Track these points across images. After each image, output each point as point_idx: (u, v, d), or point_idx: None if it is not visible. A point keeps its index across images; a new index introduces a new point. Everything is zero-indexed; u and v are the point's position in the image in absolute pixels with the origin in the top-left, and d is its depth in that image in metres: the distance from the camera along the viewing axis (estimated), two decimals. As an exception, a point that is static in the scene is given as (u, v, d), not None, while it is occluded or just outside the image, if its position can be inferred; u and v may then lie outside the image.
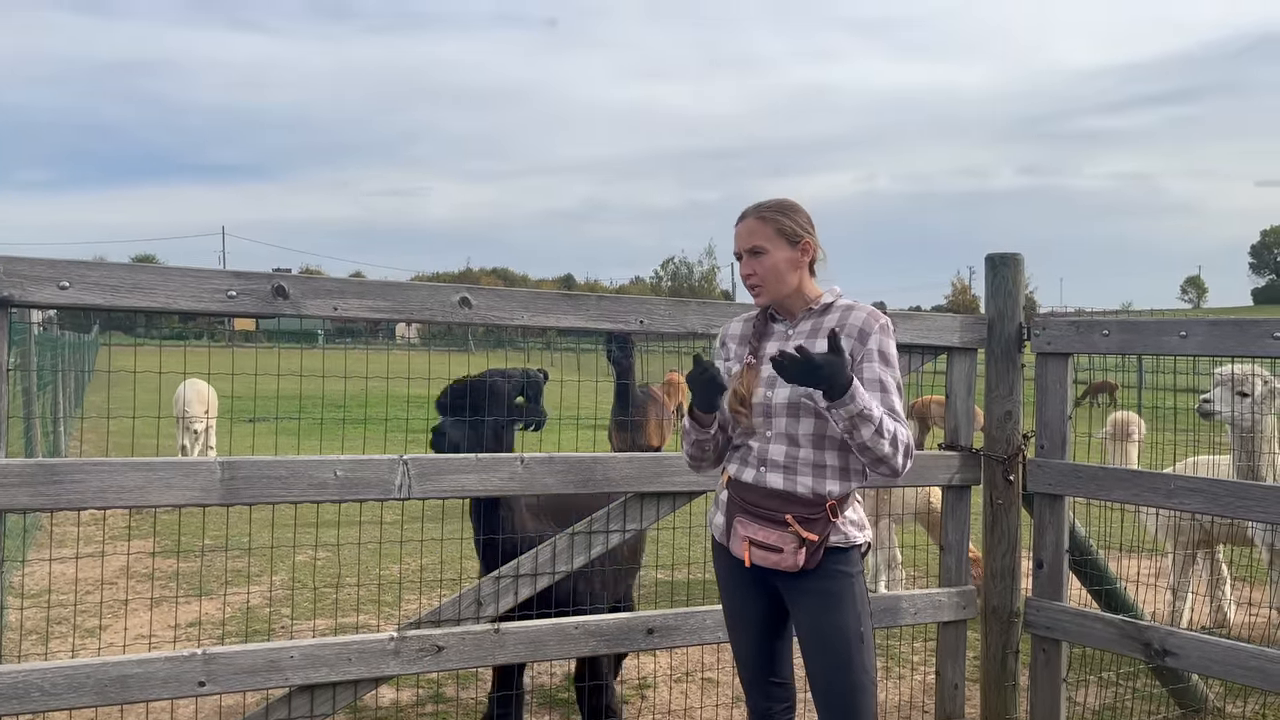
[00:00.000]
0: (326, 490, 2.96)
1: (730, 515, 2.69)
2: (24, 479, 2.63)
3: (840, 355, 2.39)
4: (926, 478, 4.02)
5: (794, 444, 2.60)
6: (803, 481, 2.59)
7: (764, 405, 2.64)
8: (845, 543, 2.62)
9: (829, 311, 2.70)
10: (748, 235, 2.69)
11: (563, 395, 3.92)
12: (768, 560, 2.59)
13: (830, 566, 2.59)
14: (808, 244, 2.70)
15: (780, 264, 2.67)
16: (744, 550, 2.63)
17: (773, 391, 2.63)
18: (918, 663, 5.32)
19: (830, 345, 2.40)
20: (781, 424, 2.61)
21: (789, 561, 2.56)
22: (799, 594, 2.64)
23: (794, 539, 2.55)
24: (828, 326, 2.65)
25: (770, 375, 2.64)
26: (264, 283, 2.91)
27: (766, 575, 2.67)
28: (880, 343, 2.63)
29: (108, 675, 2.72)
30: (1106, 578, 4.21)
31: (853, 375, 2.44)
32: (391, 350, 10.33)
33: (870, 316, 2.66)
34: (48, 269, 2.67)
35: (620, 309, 3.39)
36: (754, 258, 2.68)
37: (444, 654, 3.13)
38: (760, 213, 2.70)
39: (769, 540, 2.58)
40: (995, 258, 4.01)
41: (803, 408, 2.59)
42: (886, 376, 2.62)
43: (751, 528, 2.61)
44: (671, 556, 6.57)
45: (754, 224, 2.69)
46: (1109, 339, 3.73)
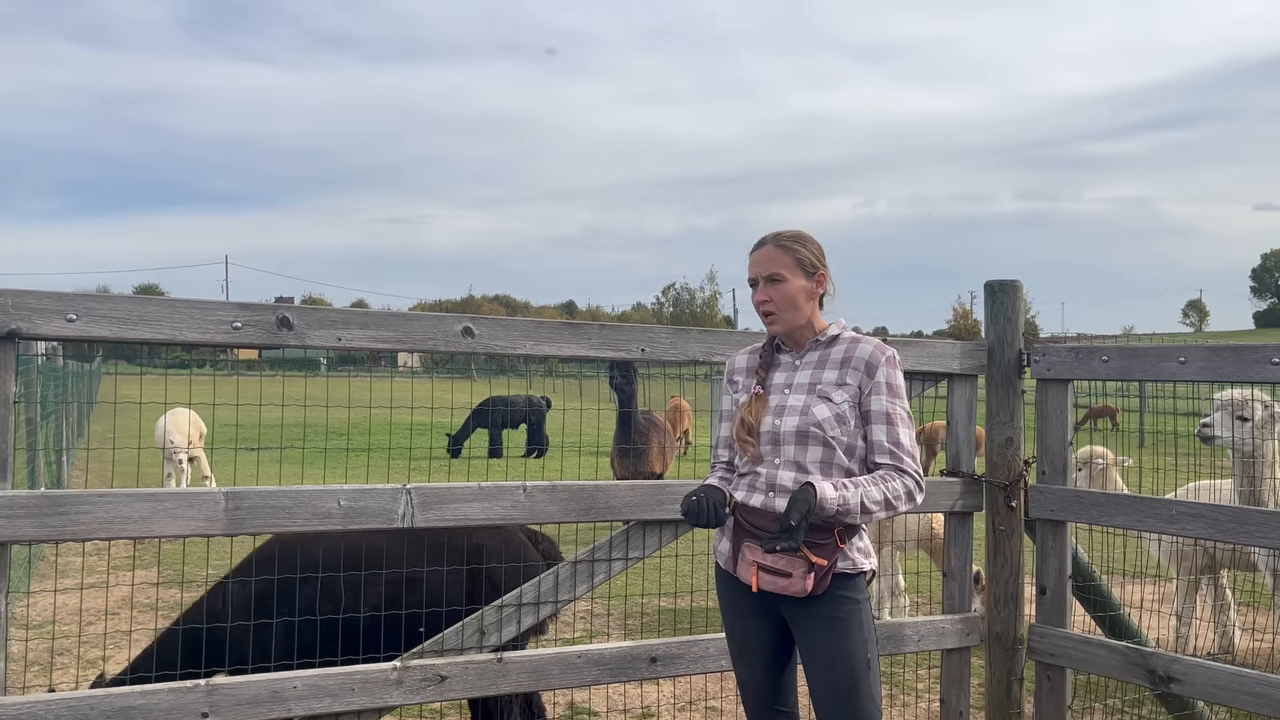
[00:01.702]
0: (330, 520, 2.97)
1: (737, 541, 2.70)
2: (29, 511, 2.65)
3: (790, 511, 2.48)
4: (929, 504, 4.02)
5: (802, 470, 2.63)
6: None
7: (772, 433, 2.67)
8: (853, 569, 2.63)
9: (835, 343, 2.75)
10: (768, 262, 2.73)
11: (564, 422, 3.94)
12: (775, 585, 2.59)
13: (837, 593, 2.60)
14: (823, 276, 2.76)
15: (797, 293, 2.71)
16: (752, 575, 2.62)
17: (780, 420, 2.67)
18: (922, 690, 5.30)
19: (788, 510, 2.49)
20: (790, 451, 2.64)
21: (797, 586, 2.56)
22: (806, 620, 2.63)
23: (803, 564, 2.55)
24: (834, 358, 2.71)
25: (779, 404, 2.69)
26: (268, 314, 2.93)
27: (772, 602, 2.66)
28: (888, 375, 2.67)
29: (112, 707, 2.72)
30: (1110, 604, 4.20)
31: (812, 496, 2.49)
32: (394, 378, 10.36)
33: (877, 349, 2.70)
34: (55, 301, 2.70)
35: (622, 337, 3.42)
36: (771, 285, 2.71)
37: (447, 683, 3.12)
38: (780, 241, 2.74)
39: (778, 565, 2.58)
40: (994, 284, 4.04)
41: (811, 436, 2.63)
42: (894, 409, 2.67)
43: (759, 552, 2.61)
44: (675, 584, 6.56)
45: (774, 251, 2.73)
46: (1108, 365, 3.74)
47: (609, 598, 6.84)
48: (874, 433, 2.67)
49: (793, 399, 2.70)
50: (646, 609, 6.78)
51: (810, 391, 2.69)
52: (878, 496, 2.56)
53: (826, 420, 2.63)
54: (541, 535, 3.90)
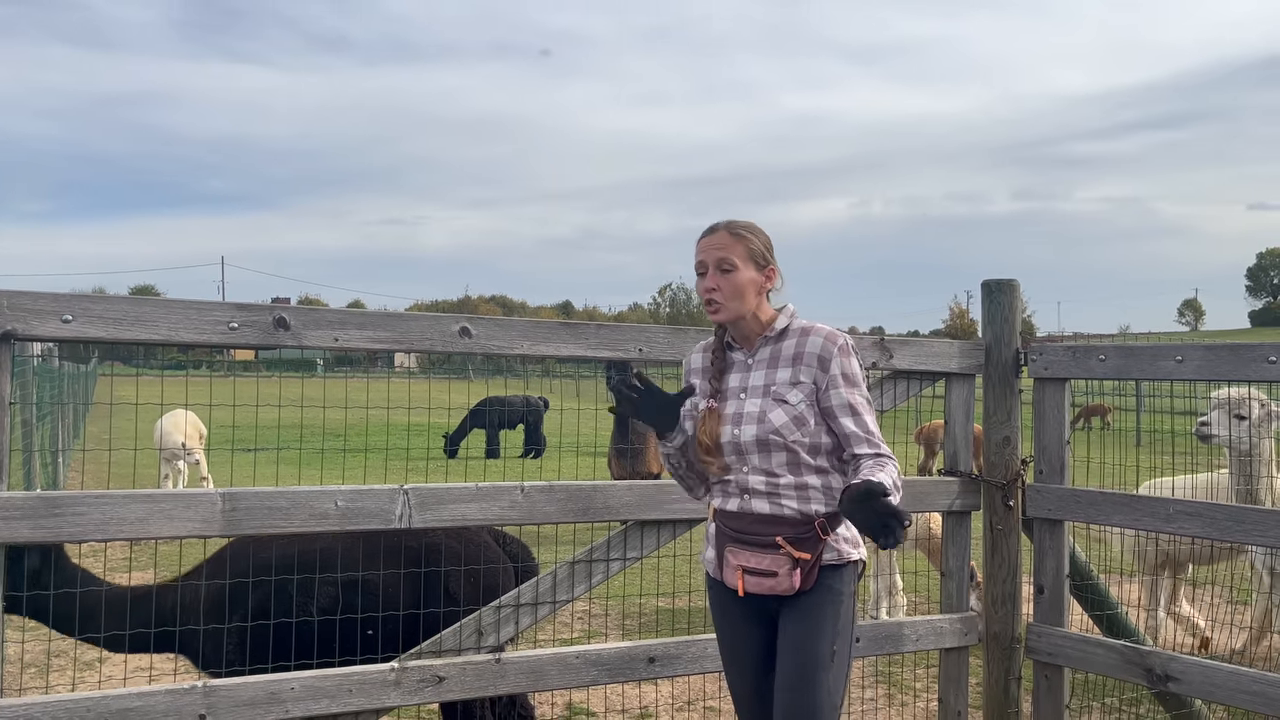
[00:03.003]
0: (328, 520, 2.96)
1: (720, 547, 2.66)
2: (25, 512, 2.64)
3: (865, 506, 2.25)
4: (927, 504, 4.03)
5: (771, 474, 2.58)
6: (788, 505, 2.56)
7: (734, 444, 2.60)
8: (838, 559, 2.58)
9: (785, 337, 2.66)
10: (719, 249, 2.63)
11: (563, 423, 3.93)
12: (762, 586, 2.54)
13: (821, 582, 2.55)
14: (772, 271, 2.67)
15: (746, 285, 2.62)
16: (738, 579, 2.58)
17: (739, 429, 2.60)
18: (920, 690, 5.30)
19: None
20: (755, 459, 2.59)
21: (784, 585, 2.52)
22: (789, 610, 2.58)
23: (787, 560, 2.51)
24: (786, 355, 2.63)
25: (735, 411, 2.62)
26: (265, 314, 2.93)
27: (762, 606, 2.61)
28: (842, 366, 2.59)
29: (109, 708, 2.71)
30: (1108, 602, 4.21)
31: (883, 490, 2.28)
32: (391, 379, 10.35)
33: (827, 340, 2.61)
34: (51, 302, 2.69)
35: (619, 337, 3.41)
36: (721, 274, 2.61)
37: (445, 684, 3.12)
38: (733, 229, 2.65)
39: (762, 565, 2.53)
40: (991, 284, 4.04)
41: (771, 444, 2.56)
42: (855, 398, 2.58)
43: (743, 555, 2.57)
44: (673, 585, 6.56)
45: (726, 238, 2.63)
46: (1105, 364, 3.75)
47: (607, 598, 6.83)
48: (843, 425, 2.57)
49: (749, 404, 2.61)
50: (644, 609, 6.77)
51: (765, 395, 2.60)
52: (891, 479, 2.43)
53: (784, 426, 2.56)
54: (510, 537, 3.85)
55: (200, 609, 3.32)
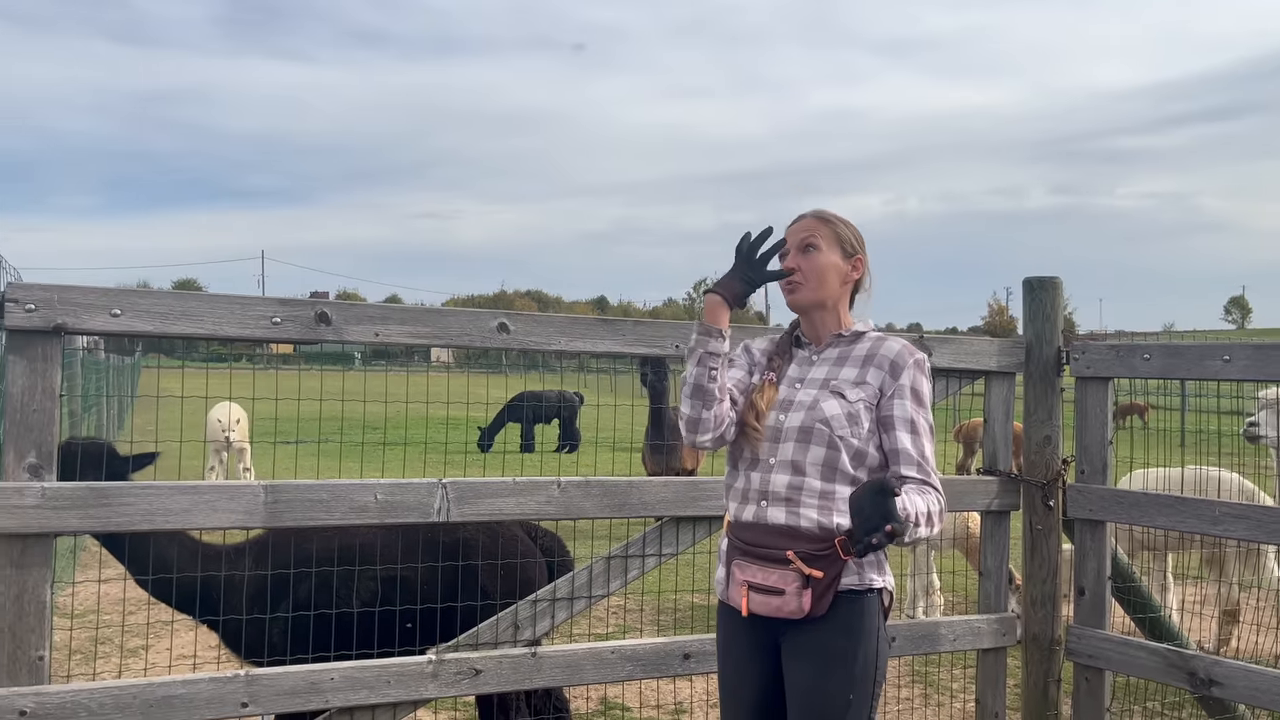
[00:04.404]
0: (367, 513, 3.00)
1: (729, 562, 2.42)
2: (74, 501, 2.69)
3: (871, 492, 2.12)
4: (965, 503, 3.99)
5: (798, 472, 2.35)
6: (806, 515, 2.32)
7: (774, 429, 2.42)
8: (859, 585, 2.33)
9: (859, 340, 2.52)
10: (804, 230, 2.52)
11: (599, 418, 3.94)
12: (768, 606, 2.29)
13: (839, 616, 2.29)
14: (859, 261, 2.55)
15: (829, 268, 2.49)
16: (741, 596, 2.34)
17: (785, 415, 2.42)
18: (957, 690, 5.25)
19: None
20: (789, 450, 2.37)
21: (791, 606, 2.26)
22: (795, 648, 2.32)
23: (796, 577, 2.26)
24: (856, 355, 2.47)
25: (785, 397, 2.45)
26: (307, 309, 2.96)
27: (769, 639, 2.36)
28: (914, 379, 2.41)
29: (154, 695, 2.76)
30: (1150, 605, 4.14)
31: (896, 485, 2.15)
32: (430, 373, 10.43)
33: (904, 350, 2.45)
34: (100, 297, 2.74)
35: (656, 334, 3.41)
36: (804, 254, 2.49)
37: (482, 677, 3.14)
38: (821, 214, 2.56)
39: (769, 582, 2.29)
40: (1033, 281, 3.99)
41: (815, 434, 2.36)
42: (918, 417, 2.40)
43: (750, 570, 2.33)
44: (708, 581, 6.55)
45: (813, 222, 2.54)
46: (1150, 363, 3.69)
47: (642, 593, 6.85)
48: (898, 440, 2.37)
49: (802, 394, 2.44)
50: (678, 605, 6.78)
51: (823, 387, 2.42)
52: (924, 509, 2.24)
53: (835, 417, 2.35)
54: (545, 531, 3.87)
55: (247, 595, 3.37)
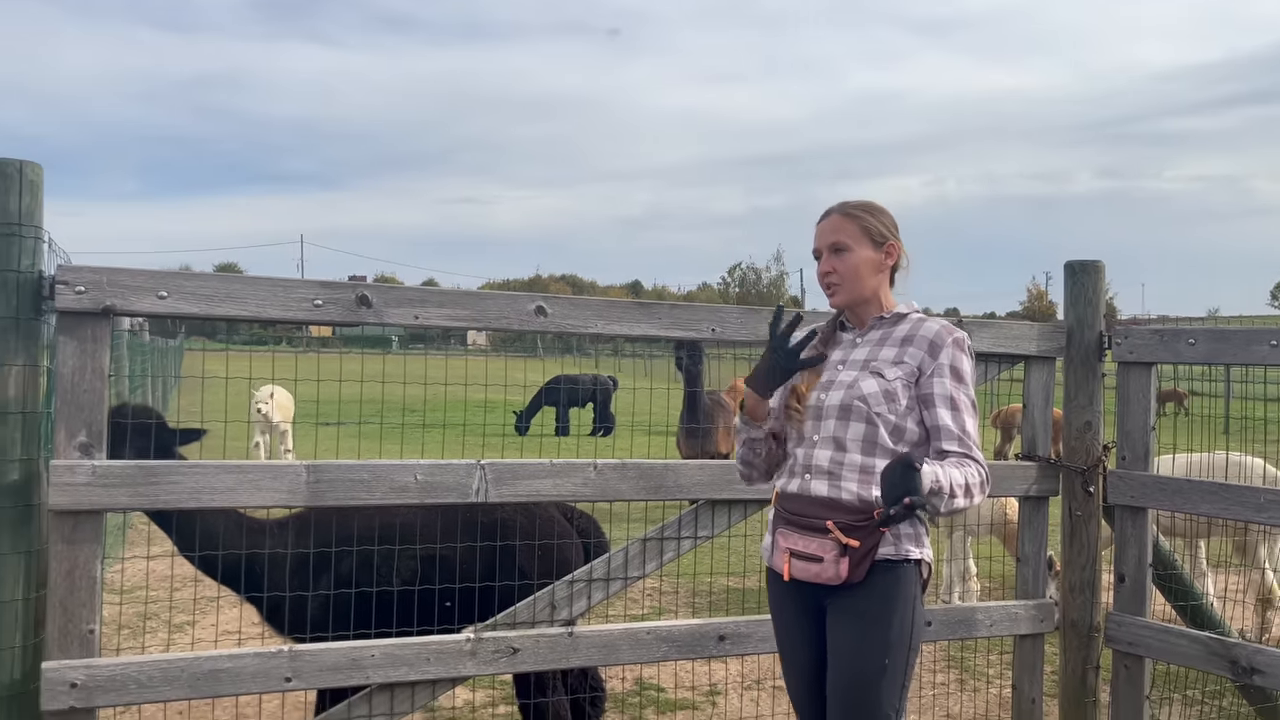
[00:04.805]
0: (407, 493, 3.04)
1: (774, 530, 2.58)
2: (124, 479, 2.76)
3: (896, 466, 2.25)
4: (1003, 488, 3.96)
5: (840, 448, 2.46)
6: (847, 487, 2.43)
7: (816, 408, 2.52)
8: (895, 555, 2.42)
9: (901, 322, 2.58)
10: (831, 231, 2.58)
11: (634, 402, 3.95)
12: (807, 572, 2.42)
13: (876, 584, 2.39)
14: (892, 247, 2.59)
15: (862, 264, 2.55)
16: (784, 562, 2.48)
17: (826, 394, 2.52)
18: (993, 676, 5.23)
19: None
20: (830, 427, 2.48)
21: (829, 572, 2.38)
22: (836, 613, 2.44)
23: (834, 546, 2.38)
24: (897, 336, 2.54)
25: (828, 379, 2.55)
26: (348, 292, 3.00)
27: (813, 602, 2.49)
28: (953, 357, 2.48)
29: (200, 669, 2.83)
30: (1192, 593, 4.10)
31: (918, 461, 2.27)
32: (469, 356, 10.51)
33: (944, 329, 2.53)
34: (148, 279, 2.79)
35: (692, 317, 3.42)
36: (835, 255, 2.56)
37: (519, 656, 3.18)
38: (846, 210, 2.59)
39: (809, 549, 2.42)
40: (1075, 265, 3.95)
41: (854, 411, 2.46)
42: (959, 394, 2.47)
43: (792, 538, 2.47)
44: (743, 564, 6.57)
45: (839, 220, 2.58)
46: (1195, 348, 3.63)
47: (677, 575, 6.88)
48: (938, 417, 2.45)
49: (843, 374, 2.53)
50: (713, 588, 6.80)
51: (863, 368, 2.52)
52: (961, 480, 2.34)
53: (872, 395, 2.45)
54: (580, 513, 3.90)
55: (289, 569, 3.43)
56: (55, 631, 2.72)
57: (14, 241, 2.64)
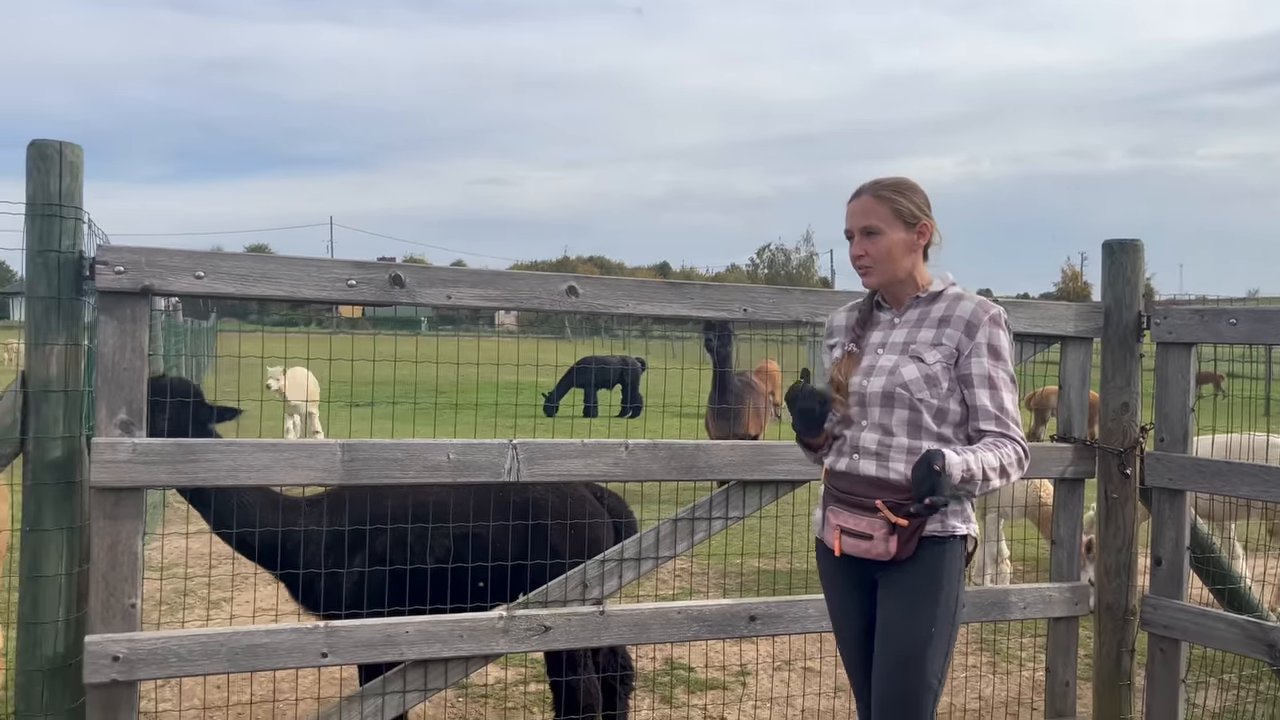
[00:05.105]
0: (440, 472, 3.06)
1: (825, 506, 2.65)
2: (164, 457, 2.80)
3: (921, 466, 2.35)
4: (1038, 470, 3.92)
5: (887, 432, 2.52)
6: (895, 468, 2.50)
7: (859, 394, 2.57)
8: (942, 532, 2.49)
9: (937, 300, 2.60)
10: (862, 214, 2.59)
11: (665, 383, 3.95)
12: (858, 549, 2.50)
13: (924, 559, 2.47)
14: (925, 227, 2.59)
15: (894, 246, 2.57)
16: (835, 539, 2.56)
17: (868, 380, 2.57)
18: (1025, 659, 5.20)
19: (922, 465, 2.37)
20: (875, 414, 2.54)
21: (879, 549, 2.47)
22: (886, 586, 2.52)
23: (884, 525, 2.45)
24: (934, 317, 2.57)
25: (869, 364, 2.59)
26: (381, 272, 3.02)
27: (864, 574, 2.57)
28: (990, 335, 2.51)
29: (239, 644, 2.88)
30: (1230, 576, 4.05)
31: (940, 462, 2.34)
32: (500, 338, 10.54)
33: (979, 307, 2.54)
34: (185, 259, 2.82)
35: (724, 297, 3.40)
36: (867, 238, 2.58)
37: (551, 634, 3.20)
38: (877, 191, 2.59)
39: (859, 527, 2.50)
40: (1113, 244, 3.89)
41: (896, 398, 2.51)
42: (997, 372, 2.51)
43: (843, 515, 2.54)
44: (774, 546, 6.57)
45: (869, 202, 2.58)
46: (1236, 328, 3.57)
47: (708, 556, 6.89)
48: (977, 397, 2.50)
49: (884, 359, 2.57)
50: (743, 570, 6.81)
51: (903, 351, 2.56)
52: (994, 463, 2.42)
53: (914, 381, 2.50)
54: (608, 492, 3.91)
55: (324, 545, 3.46)
56: (98, 605, 2.77)
57: (55, 222, 2.68)
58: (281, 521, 3.39)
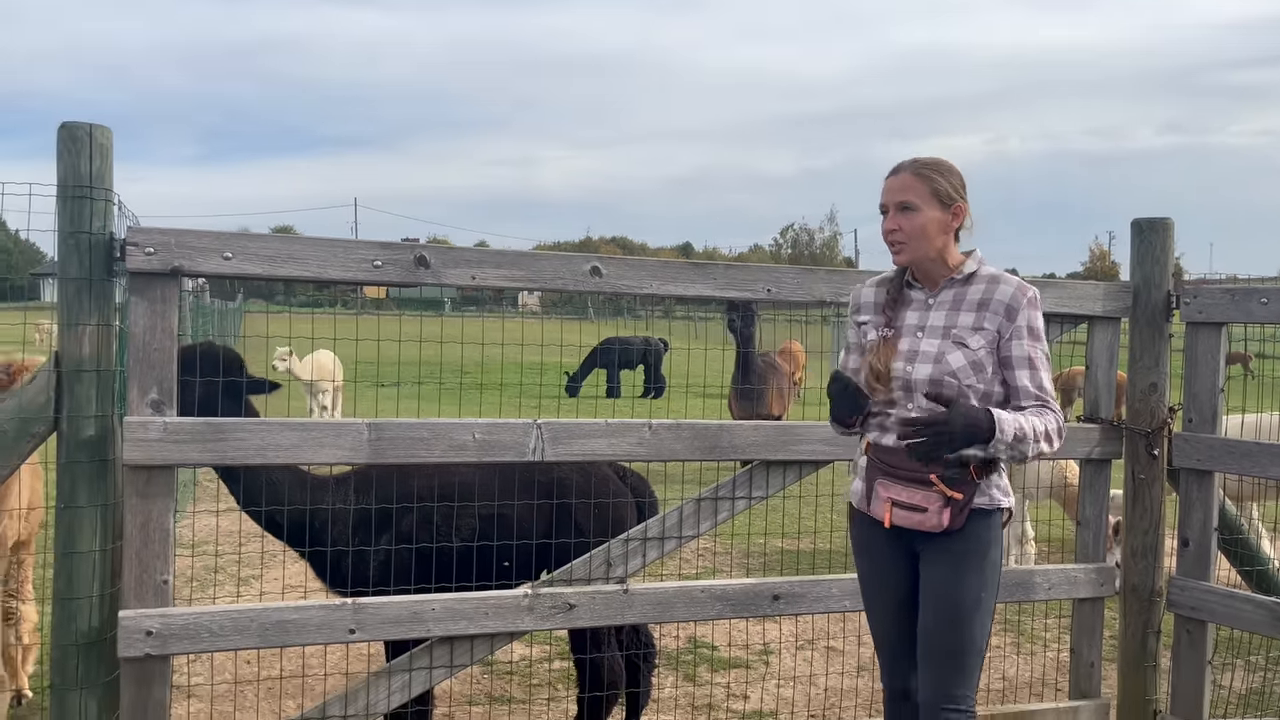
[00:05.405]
0: (465, 451, 3.08)
1: (871, 479, 2.67)
2: (194, 436, 2.84)
3: (953, 405, 2.44)
4: (1065, 450, 3.88)
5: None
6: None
7: (904, 380, 2.60)
8: (989, 505, 2.59)
9: (972, 282, 2.64)
10: (900, 189, 2.61)
11: (689, 364, 3.95)
12: (910, 520, 2.56)
13: (971, 529, 2.56)
14: (959, 208, 2.63)
15: (928, 224, 2.59)
16: (885, 511, 2.59)
17: (913, 367, 2.59)
18: (1050, 639, 5.19)
19: (935, 399, 2.47)
20: (922, 400, 2.57)
21: (933, 521, 2.53)
22: (932, 553, 2.59)
23: (939, 498, 2.52)
24: (971, 299, 2.61)
25: (910, 348, 2.61)
26: (407, 253, 3.03)
27: (907, 544, 2.63)
28: (1029, 318, 2.59)
29: (269, 619, 2.92)
30: (1258, 558, 4.02)
31: (987, 410, 2.46)
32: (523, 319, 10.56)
33: (1018, 291, 2.60)
34: (213, 240, 2.85)
35: (747, 277, 3.40)
36: (902, 214, 2.60)
37: (575, 611, 3.23)
38: (917, 169, 2.62)
39: (913, 500, 2.55)
40: (1142, 222, 3.84)
41: (945, 386, 2.55)
42: (1035, 352, 2.59)
43: (894, 489, 2.58)
44: (798, 526, 6.58)
45: (909, 179, 2.61)
46: (1268, 307, 3.52)
47: (732, 535, 6.91)
48: (1018, 378, 2.58)
49: (925, 344, 2.60)
50: (766, 549, 6.82)
51: (944, 336, 2.59)
52: (1041, 428, 2.51)
53: (962, 369, 2.55)
54: (630, 472, 3.92)
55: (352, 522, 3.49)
56: (131, 581, 2.82)
57: (85, 204, 2.71)
58: (309, 500, 3.42)
